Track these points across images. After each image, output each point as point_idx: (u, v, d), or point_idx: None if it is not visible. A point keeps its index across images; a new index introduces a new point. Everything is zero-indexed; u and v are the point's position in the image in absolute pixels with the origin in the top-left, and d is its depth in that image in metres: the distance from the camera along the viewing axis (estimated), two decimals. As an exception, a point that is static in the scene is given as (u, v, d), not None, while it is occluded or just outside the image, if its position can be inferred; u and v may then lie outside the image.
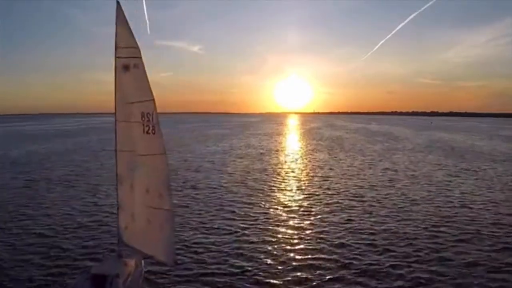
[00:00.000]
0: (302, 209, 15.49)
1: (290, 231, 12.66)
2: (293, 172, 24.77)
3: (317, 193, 18.38)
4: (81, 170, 24.77)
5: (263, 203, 16.43)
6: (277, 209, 15.53)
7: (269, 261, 10.30)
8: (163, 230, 8.60)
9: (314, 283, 9.04)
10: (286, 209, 15.49)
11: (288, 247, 11.35)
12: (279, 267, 9.89)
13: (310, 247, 11.34)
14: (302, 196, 17.74)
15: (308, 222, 13.70)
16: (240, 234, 12.42)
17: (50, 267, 9.80)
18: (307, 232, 12.60)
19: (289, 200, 16.98)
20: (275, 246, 11.42)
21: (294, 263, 10.16)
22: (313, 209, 15.37)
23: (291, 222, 13.68)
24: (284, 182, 21.19)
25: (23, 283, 9.00)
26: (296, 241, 11.80)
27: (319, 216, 14.31)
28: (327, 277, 9.34)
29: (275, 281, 9.14)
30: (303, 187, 19.82)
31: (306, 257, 10.61)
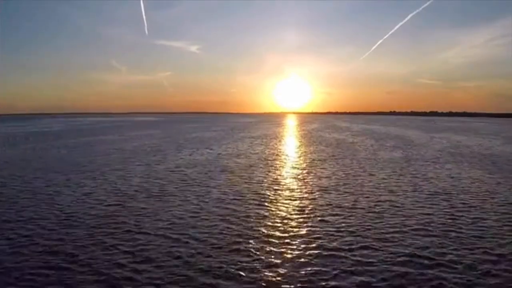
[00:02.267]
0: (309, 270, 8.46)
1: None
2: (292, 198, 17.53)
3: (331, 241, 11.16)
4: None
5: (245, 258, 9.36)
6: (268, 266, 8.46)
7: None
8: None
9: None
10: (282, 267, 8.44)
11: None
12: None
13: None
14: (307, 244, 10.60)
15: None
16: None
17: None
18: None
19: (287, 249, 9.90)
20: None
21: None
22: (329, 276, 8.29)
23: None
24: (279, 218, 13.89)
25: None
26: None
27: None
28: None
29: None
30: (309, 226, 12.48)
31: None
